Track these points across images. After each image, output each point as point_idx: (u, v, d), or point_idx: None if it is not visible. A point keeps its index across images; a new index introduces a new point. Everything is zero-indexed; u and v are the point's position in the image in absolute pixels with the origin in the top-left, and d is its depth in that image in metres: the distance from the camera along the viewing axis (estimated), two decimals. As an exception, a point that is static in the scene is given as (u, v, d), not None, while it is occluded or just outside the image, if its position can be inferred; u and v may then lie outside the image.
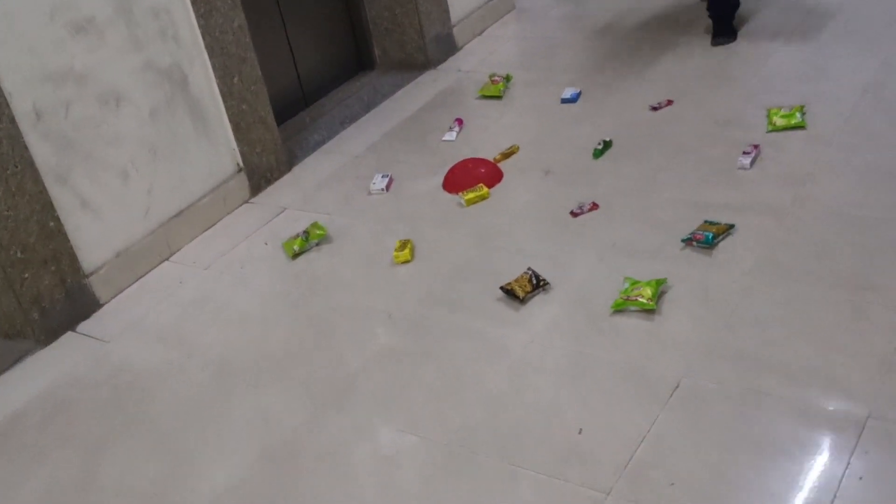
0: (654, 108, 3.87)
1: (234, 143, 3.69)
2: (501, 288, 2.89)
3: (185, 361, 2.91)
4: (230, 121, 3.65)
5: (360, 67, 4.86)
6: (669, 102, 3.89)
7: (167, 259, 3.48)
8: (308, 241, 3.35)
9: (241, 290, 3.22)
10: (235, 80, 3.63)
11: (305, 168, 3.99)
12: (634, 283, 2.78)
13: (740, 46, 4.29)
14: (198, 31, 3.45)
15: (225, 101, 3.60)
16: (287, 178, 3.93)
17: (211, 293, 3.24)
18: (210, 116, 3.58)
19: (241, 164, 3.74)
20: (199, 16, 3.44)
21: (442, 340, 2.77)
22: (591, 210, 3.25)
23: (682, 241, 2.96)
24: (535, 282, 2.88)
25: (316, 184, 3.82)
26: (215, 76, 3.55)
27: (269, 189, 3.85)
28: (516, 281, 2.89)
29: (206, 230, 3.61)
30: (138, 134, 3.31)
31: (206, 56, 3.50)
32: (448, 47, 4.85)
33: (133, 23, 3.22)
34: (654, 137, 3.66)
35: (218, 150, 3.64)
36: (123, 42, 3.20)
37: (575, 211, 3.25)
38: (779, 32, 4.33)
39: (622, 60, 4.39)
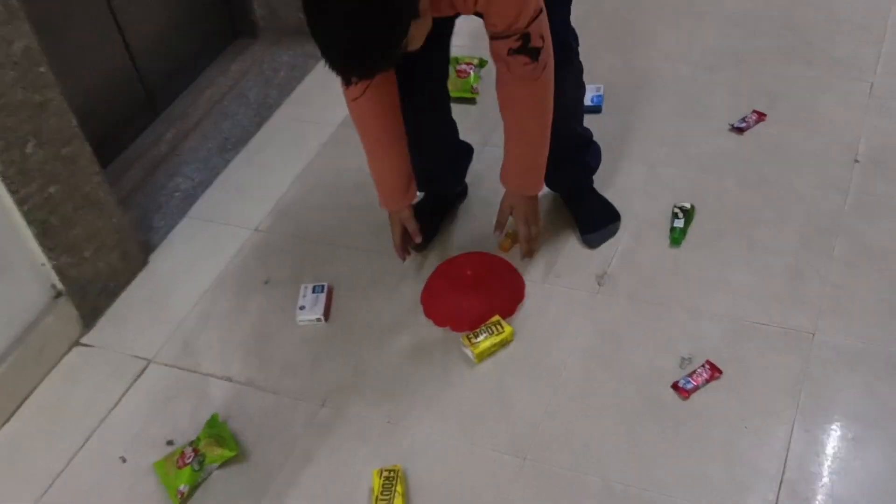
0: (738, 130, 2.42)
1: (42, 257, 2.06)
2: None
3: None
4: (29, 221, 2.00)
5: (233, 35, 3.15)
6: (760, 117, 2.44)
7: (-63, 502, 1.91)
8: (204, 469, 1.83)
9: None
10: (29, 147, 1.96)
11: (172, 257, 2.38)
12: None
13: (843, 5, 2.83)
14: (-60, 79, 1.77)
15: (13, 192, 1.95)
16: (142, 282, 2.31)
17: None
18: (-12, 225, 1.94)
19: (61, 285, 2.12)
20: (-63, 48, 1.74)
21: None
22: (709, 380, 1.84)
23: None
24: None
25: (195, 300, 2.23)
26: (-11, 152, 1.88)
27: (114, 310, 2.25)
28: None
29: (3, 425, 2.02)
30: None
31: (-37, 120, 1.83)
32: (366, -5, 3.17)
33: None
34: (757, 192, 2.24)
35: (14, 275, 2.01)
36: None
37: (681, 385, 1.83)
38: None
39: (665, 29, 2.86)
